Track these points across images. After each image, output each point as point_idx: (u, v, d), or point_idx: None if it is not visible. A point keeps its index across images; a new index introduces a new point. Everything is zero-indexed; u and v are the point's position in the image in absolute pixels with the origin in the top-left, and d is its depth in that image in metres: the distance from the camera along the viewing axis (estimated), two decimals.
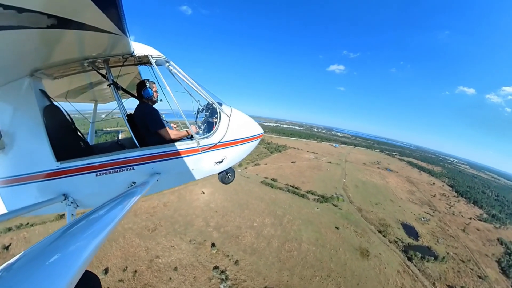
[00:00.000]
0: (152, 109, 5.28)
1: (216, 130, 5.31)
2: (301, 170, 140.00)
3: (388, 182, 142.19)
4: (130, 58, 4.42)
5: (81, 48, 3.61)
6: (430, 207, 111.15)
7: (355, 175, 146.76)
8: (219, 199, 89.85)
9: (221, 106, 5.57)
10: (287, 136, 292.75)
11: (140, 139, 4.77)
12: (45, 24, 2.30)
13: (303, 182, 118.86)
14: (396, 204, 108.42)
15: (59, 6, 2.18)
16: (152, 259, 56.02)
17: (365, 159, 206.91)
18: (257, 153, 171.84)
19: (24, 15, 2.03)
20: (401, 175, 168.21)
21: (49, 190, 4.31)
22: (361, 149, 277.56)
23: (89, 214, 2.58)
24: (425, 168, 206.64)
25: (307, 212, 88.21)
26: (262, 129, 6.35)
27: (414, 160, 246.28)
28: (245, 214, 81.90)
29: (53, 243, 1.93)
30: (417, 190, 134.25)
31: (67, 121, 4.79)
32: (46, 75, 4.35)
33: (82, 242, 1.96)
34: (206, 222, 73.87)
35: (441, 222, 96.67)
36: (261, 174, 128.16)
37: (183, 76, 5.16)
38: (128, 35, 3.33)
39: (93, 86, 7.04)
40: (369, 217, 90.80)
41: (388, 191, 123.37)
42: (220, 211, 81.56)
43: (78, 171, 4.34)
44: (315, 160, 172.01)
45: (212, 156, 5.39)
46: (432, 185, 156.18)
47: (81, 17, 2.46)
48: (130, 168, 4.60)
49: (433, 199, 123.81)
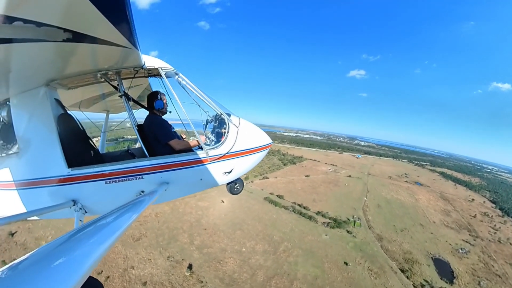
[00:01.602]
0: (162, 120, 5.45)
1: (225, 140, 5.34)
2: (314, 185, 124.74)
3: (418, 199, 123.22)
4: (141, 70, 4.65)
5: (95, 60, 3.86)
6: (470, 233, 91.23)
7: (378, 191, 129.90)
8: (212, 215, 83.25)
9: (229, 117, 5.61)
10: (306, 146, 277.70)
11: (149, 149, 4.90)
12: (61, 38, 2.50)
13: (314, 200, 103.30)
14: (427, 229, 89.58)
15: (75, 21, 2.38)
16: (126, 268, 55.05)
17: (391, 171, 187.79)
18: (268, 164, 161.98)
19: (42, 29, 2.22)
20: (433, 190, 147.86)
21: (59, 195, 4.47)
22: (387, 159, 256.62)
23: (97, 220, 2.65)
24: (461, 180, 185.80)
25: (311, 239, 75.85)
26: (270, 139, 6.29)
27: (448, 171, 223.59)
28: (235, 236, 73.70)
29: (59, 246, 2.01)
30: (453, 209, 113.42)
31: (79, 130, 4.99)
32: (61, 85, 4.66)
33: (88, 248, 2.00)
34: (191, 239, 69.01)
35: (484, 254, 78.29)
36: (267, 189, 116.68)
37: (192, 87, 5.31)
38: (139, 48, 3.50)
39: (105, 96, 7.31)
40: (391, 248, 73.31)
41: (417, 212, 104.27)
42: (209, 229, 75.03)
43: (88, 178, 4.46)
44: (332, 174, 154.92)
45: (221, 166, 5.38)
46: (471, 201, 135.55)
47: (95, 32, 2.66)
48: (139, 177, 4.67)
49: (474, 221, 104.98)
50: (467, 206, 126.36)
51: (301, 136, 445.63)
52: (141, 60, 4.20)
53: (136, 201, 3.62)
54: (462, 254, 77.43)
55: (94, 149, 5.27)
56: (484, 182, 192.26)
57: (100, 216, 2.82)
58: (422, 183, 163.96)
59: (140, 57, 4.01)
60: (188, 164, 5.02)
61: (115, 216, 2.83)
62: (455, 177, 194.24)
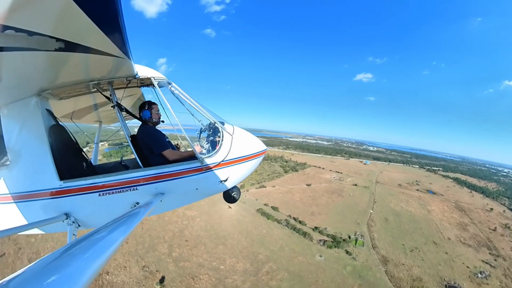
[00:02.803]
0: (155, 131, 5.39)
1: (219, 148, 5.27)
2: (315, 195, 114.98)
3: (431, 211, 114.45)
4: (133, 80, 4.63)
5: (87, 70, 3.87)
6: (490, 251, 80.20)
7: (386, 202, 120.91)
8: (198, 226, 78.91)
9: (223, 125, 5.61)
10: (312, 152, 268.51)
11: (143, 159, 4.83)
12: (53, 47, 2.49)
13: (313, 213, 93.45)
14: (441, 248, 78.75)
15: (67, 31, 2.37)
16: (101, 273, 52.42)
17: (401, 179, 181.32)
18: (268, 172, 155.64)
19: (34, 38, 2.20)
20: (448, 198, 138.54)
21: (51, 209, 4.34)
22: (396, 165, 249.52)
23: (91, 234, 2.58)
24: (476, 186, 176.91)
25: (302, 261, 67.77)
26: (265, 146, 6.28)
27: (462, 176, 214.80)
28: (217, 251, 68.59)
29: (52, 263, 1.92)
30: (470, 221, 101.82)
31: (71, 141, 4.96)
32: (53, 96, 4.60)
33: (82, 264, 1.94)
34: (170, 251, 65.85)
35: (507, 278, 68.33)
36: (262, 199, 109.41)
37: (185, 97, 5.29)
38: (132, 58, 3.52)
39: (98, 107, 7.27)
40: (398, 274, 63.20)
41: (430, 227, 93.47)
42: (191, 241, 71.08)
43: (81, 190, 4.36)
44: (337, 182, 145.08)
45: (216, 175, 5.30)
46: (490, 211, 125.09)
47: (87, 41, 2.67)
48: (134, 188, 4.57)
49: (494, 236, 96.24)
50: (485, 217, 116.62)
51: (308, 142, 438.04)
52: (134, 70, 4.15)
53: (131, 213, 3.49)
54: (481, 279, 66.16)
55: (87, 160, 5.21)
56: (501, 188, 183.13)
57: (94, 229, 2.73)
58: (434, 191, 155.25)
59: (133, 67, 3.97)
60: (183, 174, 4.89)
61: (109, 229, 2.73)
62: (470, 183, 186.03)
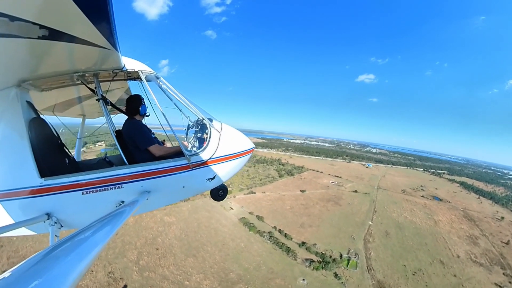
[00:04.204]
0: (141, 125, 5.32)
1: (207, 146, 5.20)
2: (308, 203, 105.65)
3: (438, 222, 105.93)
4: (120, 73, 4.53)
5: (71, 61, 3.77)
6: (503, 270, 74.10)
7: (388, 211, 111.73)
8: (173, 233, 73.78)
9: (211, 122, 5.54)
10: (312, 154, 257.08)
11: (129, 156, 4.75)
12: (36, 34, 2.39)
13: (303, 225, 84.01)
14: (449, 269, 69.77)
15: (52, 18, 2.27)
16: None
17: (405, 183, 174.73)
18: (262, 176, 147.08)
19: (15, 23, 2.10)
20: (455, 206, 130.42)
21: (32, 208, 4.15)
22: (400, 168, 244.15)
23: (75, 235, 2.50)
24: (484, 192, 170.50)
25: (279, 284, 57.87)
26: (253, 144, 6.23)
27: (468, 180, 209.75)
28: (186, 264, 62.78)
29: (33, 267, 1.80)
30: (480, 234, 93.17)
31: (53, 136, 4.74)
32: (34, 87, 4.41)
33: (66, 266, 1.84)
34: (138, 258, 62.63)
35: None
36: (248, 206, 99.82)
37: (173, 92, 5.16)
38: (119, 50, 3.46)
39: (82, 100, 7.05)
40: None
41: (437, 242, 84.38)
42: (161, 250, 66.83)
43: (63, 188, 4.17)
44: (335, 188, 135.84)
45: (203, 172, 5.21)
46: (500, 220, 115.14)
47: (73, 30, 2.60)
48: (119, 186, 4.41)
49: (507, 251, 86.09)
50: (496, 227, 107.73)
51: (309, 143, 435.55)
52: (121, 62, 4.04)
53: (116, 212, 3.36)
54: None
55: (69, 156, 4.99)
56: (510, 193, 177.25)
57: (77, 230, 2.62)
58: (441, 197, 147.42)
59: (120, 59, 3.88)
60: (170, 171, 4.77)
61: (94, 230, 2.64)
62: (477, 188, 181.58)
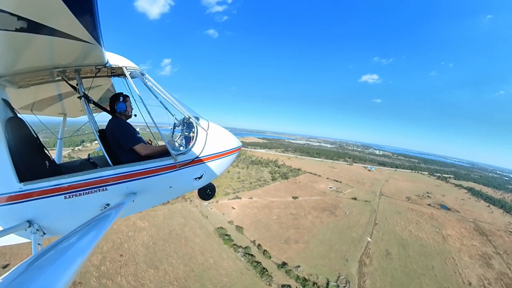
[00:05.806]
0: (126, 124, 5.20)
1: (194, 145, 5.12)
2: (299, 213, 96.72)
3: (447, 237, 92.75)
4: (103, 69, 4.39)
5: (51, 55, 3.63)
6: None
7: (391, 223, 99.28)
8: (140, 240, 69.68)
9: (198, 120, 5.49)
10: (311, 156, 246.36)
11: (113, 156, 4.64)
12: (13, 26, 2.27)
13: (287, 240, 74.25)
14: None
15: (32, 8, 2.14)
16: None
17: (410, 189, 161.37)
18: (253, 178, 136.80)
19: None
20: (465, 217, 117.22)
21: (11, 216, 3.98)
22: (404, 172, 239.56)
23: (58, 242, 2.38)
24: (494, 199, 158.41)
25: None
26: (240, 142, 6.19)
27: (476, 186, 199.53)
28: (145, 275, 58.50)
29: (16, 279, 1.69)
30: (493, 251, 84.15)
31: (32, 137, 4.60)
32: (10, 83, 4.28)
33: (51, 276, 1.75)
34: (101, 263, 59.67)
35: None
36: (229, 214, 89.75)
37: (159, 89, 5.08)
38: (103, 44, 3.41)
39: (62, 98, 6.81)
40: None
41: (446, 264, 73.95)
42: (125, 256, 63.46)
43: (44, 193, 4.02)
44: (332, 194, 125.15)
45: (190, 172, 5.13)
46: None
47: (53, 22, 2.49)
48: (103, 188, 4.33)
49: None
50: (510, 243, 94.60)
51: (310, 144, 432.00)
52: (104, 58, 3.92)
53: (101, 216, 3.26)
54: None
55: (50, 159, 4.87)
56: None
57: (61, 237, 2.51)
58: (449, 206, 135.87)
59: (103, 54, 3.76)
60: (156, 172, 4.67)
61: (79, 235, 2.56)
62: (486, 194, 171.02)
